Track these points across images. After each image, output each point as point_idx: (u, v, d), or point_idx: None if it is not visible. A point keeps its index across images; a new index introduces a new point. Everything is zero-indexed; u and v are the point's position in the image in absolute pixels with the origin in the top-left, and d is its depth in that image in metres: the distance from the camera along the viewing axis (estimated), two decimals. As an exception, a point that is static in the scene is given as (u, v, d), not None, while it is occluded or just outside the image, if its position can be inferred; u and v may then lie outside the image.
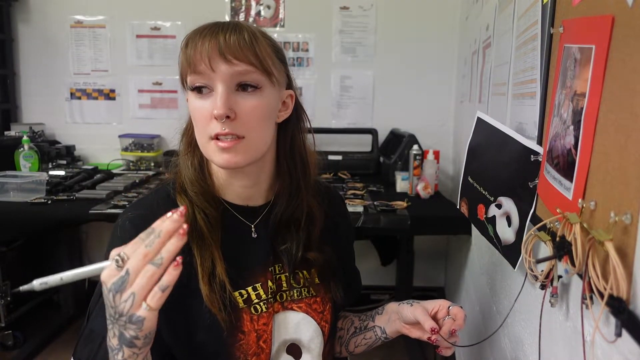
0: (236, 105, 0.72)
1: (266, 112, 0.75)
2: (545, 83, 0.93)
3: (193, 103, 0.75)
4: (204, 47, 0.71)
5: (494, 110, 1.43)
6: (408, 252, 2.10)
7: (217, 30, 0.72)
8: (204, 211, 0.78)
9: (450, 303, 0.87)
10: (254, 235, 0.84)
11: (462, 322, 0.83)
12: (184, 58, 0.73)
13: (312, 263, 0.86)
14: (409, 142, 2.18)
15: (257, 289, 0.80)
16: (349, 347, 0.98)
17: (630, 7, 0.56)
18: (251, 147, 0.74)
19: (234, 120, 0.72)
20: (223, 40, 0.71)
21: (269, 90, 0.76)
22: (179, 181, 0.82)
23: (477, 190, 1.25)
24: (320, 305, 0.87)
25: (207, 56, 0.70)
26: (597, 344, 0.62)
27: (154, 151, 2.53)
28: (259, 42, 0.73)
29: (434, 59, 2.51)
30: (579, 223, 0.65)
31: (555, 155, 0.78)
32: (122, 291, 0.55)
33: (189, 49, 0.72)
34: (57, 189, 1.99)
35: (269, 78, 0.74)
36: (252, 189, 0.84)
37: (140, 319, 0.55)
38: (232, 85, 0.72)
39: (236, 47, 0.71)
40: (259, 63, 0.72)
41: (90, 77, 2.61)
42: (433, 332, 0.82)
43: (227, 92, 0.71)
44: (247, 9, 2.54)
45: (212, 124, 0.72)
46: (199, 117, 0.74)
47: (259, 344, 0.78)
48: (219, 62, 0.71)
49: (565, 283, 0.78)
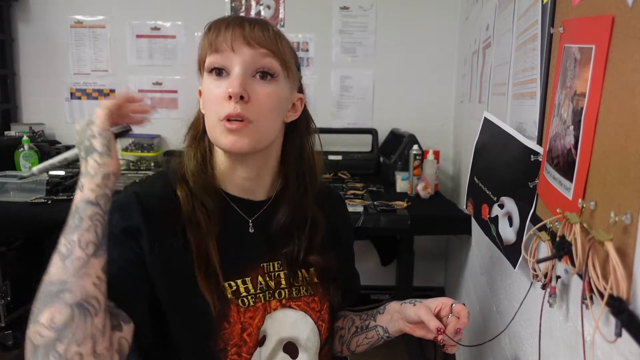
0: (251, 90, 0.74)
1: (278, 102, 0.78)
2: (545, 83, 0.93)
3: (209, 85, 0.76)
4: (228, 32, 0.73)
5: (494, 110, 1.43)
6: (408, 252, 2.10)
7: (243, 20, 0.75)
8: (203, 203, 0.79)
9: (453, 300, 0.86)
10: (251, 230, 0.84)
11: (466, 320, 0.83)
12: (206, 40, 0.75)
13: (312, 264, 0.87)
14: (409, 142, 2.18)
15: (246, 283, 0.81)
16: (351, 346, 0.98)
17: (630, 7, 0.56)
18: (258, 132, 0.75)
19: (247, 103, 0.73)
20: (248, 28, 0.74)
21: (284, 83, 0.78)
22: (181, 172, 0.83)
23: (482, 191, 1.25)
24: (318, 305, 0.87)
25: (230, 39, 0.73)
26: (597, 344, 0.62)
27: (154, 151, 2.53)
28: (282, 39, 0.77)
29: (434, 59, 2.51)
30: (579, 223, 0.65)
31: (555, 155, 0.78)
32: None
33: (212, 33, 0.75)
34: (57, 189, 1.99)
35: (286, 70, 0.77)
36: (253, 182, 0.84)
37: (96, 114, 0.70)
38: (250, 71, 0.74)
39: (260, 36, 0.74)
40: (280, 54, 0.75)
41: (90, 77, 2.61)
42: (439, 332, 0.82)
43: (244, 75, 0.73)
44: (247, 9, 2.54)
45: (225, 105, 0.73)
46: (213, 99, 0.75)
47: (242, 336, 0.79)
48: (241, 44, 0.73)
49: (565, 283, 0.78)
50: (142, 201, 0.77)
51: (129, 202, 0.77)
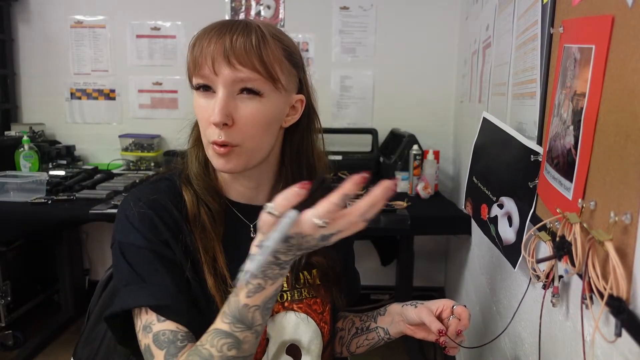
0: (235, 111, 0.72)
1: (265, 119, 0.74)
2: (545, 83, 0.93)
3: (197, 102, 0.75)
4: (209, 49, 0.70)
5: (494, 110, 1.43)
6: (408, 252, 2.10)
7: (225, 31, 0.71)
8: (207, 205, 0.79)
9: (454, 302, 0.86)
10: (253, 235, 0.84)
11: (467, 322, 0.83)
12: (191, 59, 0.74)
13: (314, 265, 0.86)
14: (409, 142, 2.18)
15: None
16: (351, 347, 0.98)
17: (630, 7, 0.56)
18: (246, 154, 0.74)
19: (231, 127, 0.72)
20: (229, 42, 0.70)
21: (273, 97, 0.74)
22: (185, 173, 0.83)
23: (481, 191, 1.25)
24: (320, 306, 0.87)
25: (212, 59, 0.70)
26: (597, 344, 0.62)
27: (154, 151, 2.53)
28: (267, 45, 0.72)
29: (434, 59, 2.51)
30: (579, 223, 0.65)
31: (555, 155, 0.78)
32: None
33: (195, 50, 0.73)
34: (57, 189, 1.99)
35: (273, 85, 0.73)
36: (255, 190, 0.84)
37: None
38: (234, 90, 0.72)
39: (241, 51, 0.70)
40: (264, 69, 0.71)
41: (90, 77, 2.61)
42: (441, 333, 0.82)
43: (226, 98, 0.71)
44: (247, 9, 2.54)
45: (211, 129, 0.73)
46: (200, 118, 0.75)
47: None
48: (222, 65, 0.70)
49: (565, 283, 0.78)
50: (153, 208, 0.77)
51: (142, 214, 0.76)
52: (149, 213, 0.76)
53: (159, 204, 0.78)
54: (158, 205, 0.78)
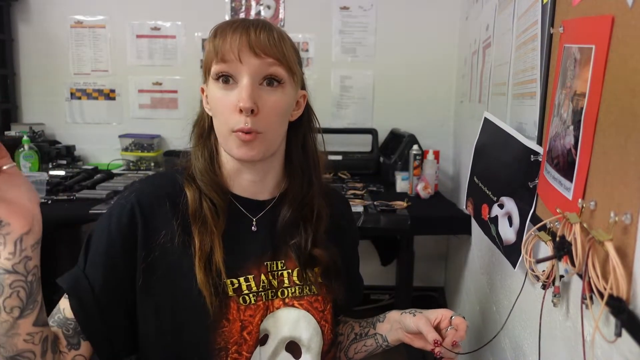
0: (259, 100, 0.75)
1: (285, 109, 0.79)
2: (545, 83, 0.93)
3: (216, 93, 0.76)
4: (234, 39, 0.73)
5: (494, 110, 1.43)
6: (408, 252, 2.10)
7: (248, 25, 0.75)
8: (211, 199, 0.80)
9: (453, 313, 0.87)
10: (254, 228, 0.84)
11: (463, 333, 0.84)
12: (212, 47, 0.75)
13: (316, 261, 0.86)
14: (409, 142, 2.18)
15: (248, 280, 0.81)
16: (349, 353, 0.98)
17: (630, 8, 0.56)
18: (267, 141, 0.77)
19: (256, 115, 0.74)
20: (254, 35, 0.74)
21: (290, 88, 0.79)
22: (189, 170, 0.84)
23: (482, 191, 1.25)
24: (321, 304, 0.87)
25: (237, 48, 0.73)
26: (597, 344, 0.62)
27: (154, 151, 2.53)
28: (285, 42, 0.77)
29: (434, 59, 2.51)
30: (579, 223, 0.65)
31: (555, 155, 0.78)
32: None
33: (217, 39, 0.75)
34: (57, 189, 1.99)
35: (291, 76, 0.78)
36: (259, 184, 0.85)
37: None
38: (258, 79, 0.75)
39: (266, 43, 0.74)
40: (285, 60, 0.76)
41: (90, 77, 2.61)
42: (436, 344, 0.82)
43: (252, 85, 0.74)
44: (247, 9, 2.54)
45: (235, 117, 0.74)
46: (222, 109, 0.76)
47: (242, 334, 0.79)
48: (248, 54, 0.73)
49: (566, 283, 0.78)
50: (140, 201, 0.79)
51: (123, 206, 0.79)
52: (134, 210, 0.78)
53: (152, 199, 0.80)
54: (151, 200, 0.80)
